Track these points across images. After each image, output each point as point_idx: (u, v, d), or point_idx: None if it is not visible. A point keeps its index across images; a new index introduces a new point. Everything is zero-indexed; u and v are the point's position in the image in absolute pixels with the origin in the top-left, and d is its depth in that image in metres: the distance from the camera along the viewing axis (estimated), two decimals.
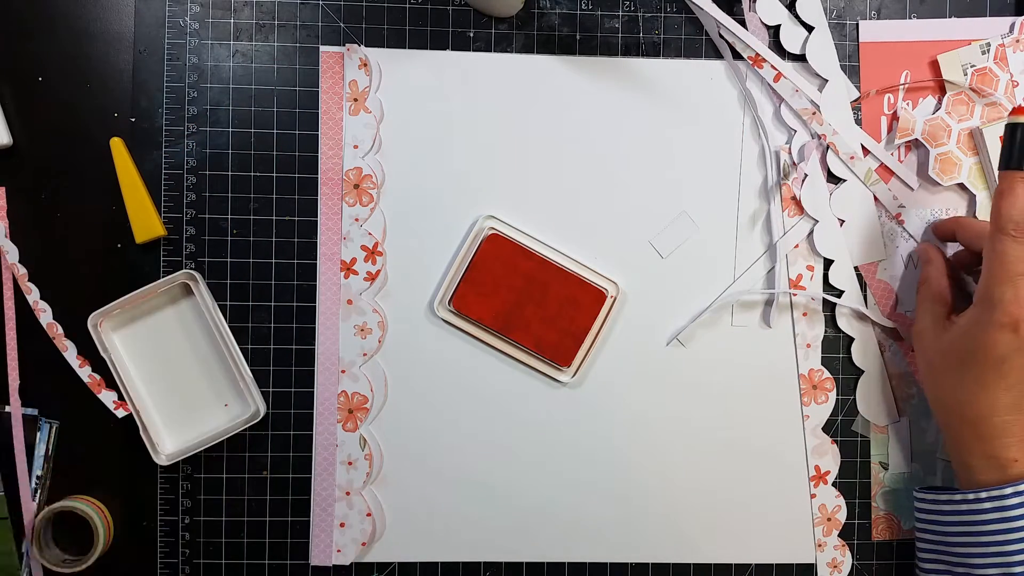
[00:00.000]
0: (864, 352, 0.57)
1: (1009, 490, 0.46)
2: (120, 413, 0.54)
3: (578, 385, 0.56)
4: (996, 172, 0.50)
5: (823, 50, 0.56)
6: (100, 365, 0.54)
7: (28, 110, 0.55)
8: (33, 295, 0.54)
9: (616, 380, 0.57)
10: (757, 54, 0.55)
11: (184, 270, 0.54)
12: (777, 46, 0.56)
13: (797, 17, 0.56)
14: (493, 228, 0.55)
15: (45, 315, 0.54)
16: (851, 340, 0.57)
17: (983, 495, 0.47)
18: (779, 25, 0.56)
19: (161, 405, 0.55)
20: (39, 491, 0.55)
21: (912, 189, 0.57)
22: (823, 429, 0.57)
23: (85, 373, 0.54)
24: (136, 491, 0.55)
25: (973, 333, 0.47)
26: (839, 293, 0.57)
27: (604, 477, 0.57)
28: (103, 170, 0.54)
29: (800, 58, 0.56)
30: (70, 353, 0.54)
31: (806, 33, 0.56)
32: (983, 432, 0.47)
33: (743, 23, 0.56)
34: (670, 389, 0.57)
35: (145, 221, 0.54)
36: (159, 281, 0.54)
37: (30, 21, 0.55)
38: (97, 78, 0.55)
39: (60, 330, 0.54)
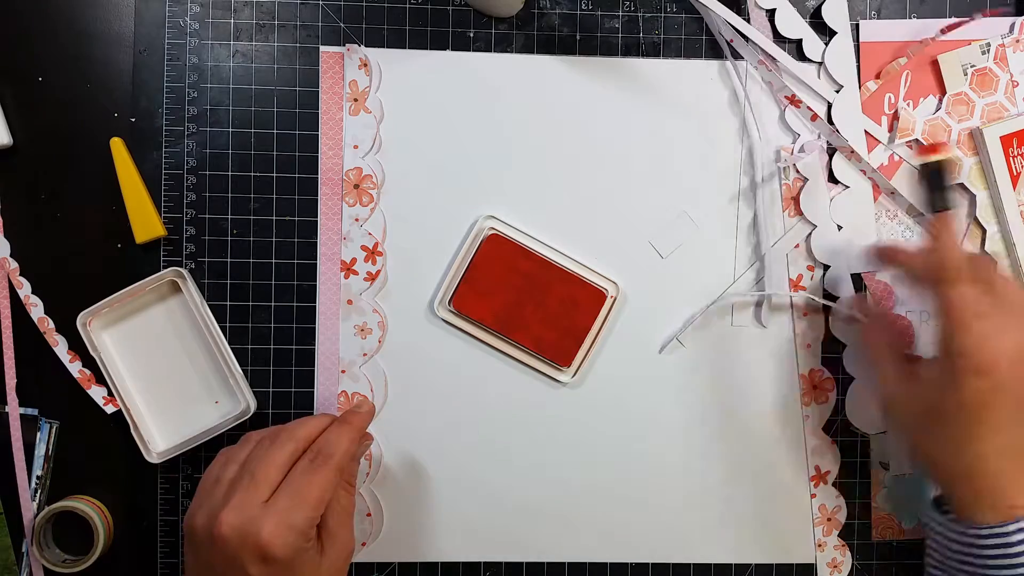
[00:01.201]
0: (855, 359, 0.57)
1: (1012, 527, 0.44)
2: (110, 409, 0.54)
3: (578, 385, 0.56)
4: (927, 210, 0.47)
5: (843, 57, 0.56)
6: (92, 361, 0.54)
7: (28, 110, 0.55)
8: (24, 289, 0.54)
9: (616, 380, 0.56)
10: (775, 61, 0.55)
11: (172, 268, 0.54)
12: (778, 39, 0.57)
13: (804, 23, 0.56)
14: (493, 228, 0.55)
15: (36, 309, 0.54)
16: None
17: (984, 532, 0.44)
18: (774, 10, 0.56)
19: (152, 403, 0.55)
20: (39, 491, 0.55)
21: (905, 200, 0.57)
22: (823, 429, 0.57)
23: (75, 368, 0.54)
24: (136, 491, 0.55)
25: (944, 387, 0.45)
26: (836, 297, 0.57)
27: (604, 477, 0.57)
28: (103, 170, 0.54)
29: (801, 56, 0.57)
30: (60, 348, 0.54)
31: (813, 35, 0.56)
32: (978, 485, 0.45)
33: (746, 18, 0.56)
34: (670, 389, 0.57)
35: (145, 221, 0.54)
36: (147, 279, 0.54)
37: (30, 21, 0.55)
38: (97, 78, 0.55)
39: (51, 324, 0.54)
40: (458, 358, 0.56)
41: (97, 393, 0.54)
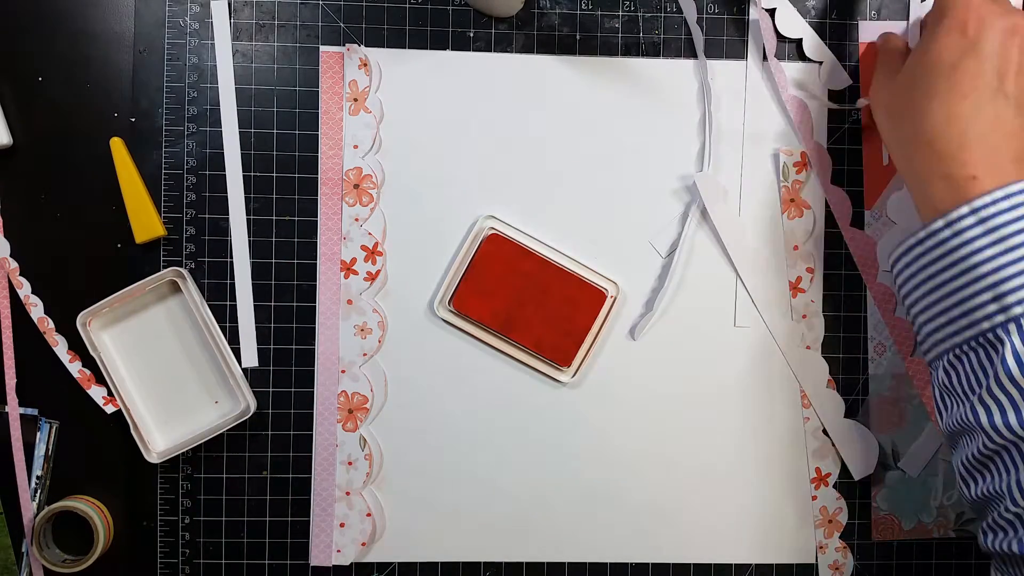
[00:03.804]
0: (898, 205, 0.56)
1: (965, 209, 0.41)
2: (110, 409, 0.54)
3: (578, 385, 0.56)
4: None
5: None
6: (92, 361, 0.54)
7: (28, 110, 0.55)
8: (24, 289, 0.54)
9: (616, 380, 0.56)
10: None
11: (172, 268, 0.54)
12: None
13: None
14: (493, 228, 0.55)
15: (36, 309, 0.54)
16: (852, 341, 0.57)
17: (953, 216, 0.41)
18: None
19: (151, 403, 0.55)
20: (39, 491, 0.55)
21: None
22: (824, 431, 0.57)
23: (75, 368, 0.54)
24: (136, 491, 0.55)
25: (924, 47, 0.45)
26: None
27: (604, 477, 0.57)
28: (103, 170, 0.54)
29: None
30: (60, 348, 0.54)
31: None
32: (940, 149, 0.43)
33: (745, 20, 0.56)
34: (670, 390, 0.57)
35: (145, 221, 0.54)
36: (147, 279, 0.54)
37: (30, 21, 0.55)
38: (97, 78, 0.55)
39: (51, 324, 0.54)
40: (458, 358, 0.56)
41: (97, 393, 0.54)
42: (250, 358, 0.55)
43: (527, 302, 0.55)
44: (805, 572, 0.57)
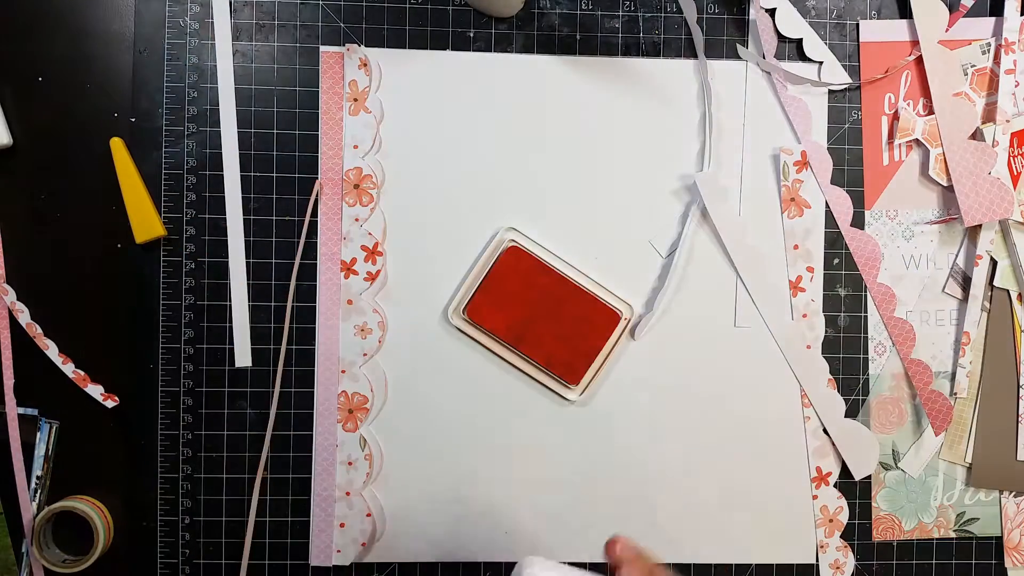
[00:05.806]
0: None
1: None
2: (109, 404, 0.54)
3: (585, 403, 0.56)
4: None
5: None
6: (83, 362, 0.54)
7: (28, 110, 0.55)
8: (10, 296, 0.54)
9: (619, 390, 0.56)
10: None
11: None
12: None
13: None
14: (513, 241, 0.55)
15: (23, 316, 0.54)
16: (852, 341, 0.57)
17: None
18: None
19: None
20: (39, 491, 0.54)
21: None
22: (824, 431, 0.57)
23: (69, 369, 0.54)
24: (136, 491, 0.55)
25: None
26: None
27: (605, 478, 0.56)
28: (103, 170, 0.54)
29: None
30: (52, 351, 0.54)
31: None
32: None
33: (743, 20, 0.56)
34: (671, 392, 0.57)
35: (145, 221, 0.54)
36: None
37: (30, 21, 0.55)
38: (97, 78, 0.55)
39: (39, 330, 0.54)
40: (464, 364, 0.56)
41: (95, 391, 0.54)
42: (243, 358, 0.55)
43: (541, 317, 0.55)
44: (805, 572, 0.57)
